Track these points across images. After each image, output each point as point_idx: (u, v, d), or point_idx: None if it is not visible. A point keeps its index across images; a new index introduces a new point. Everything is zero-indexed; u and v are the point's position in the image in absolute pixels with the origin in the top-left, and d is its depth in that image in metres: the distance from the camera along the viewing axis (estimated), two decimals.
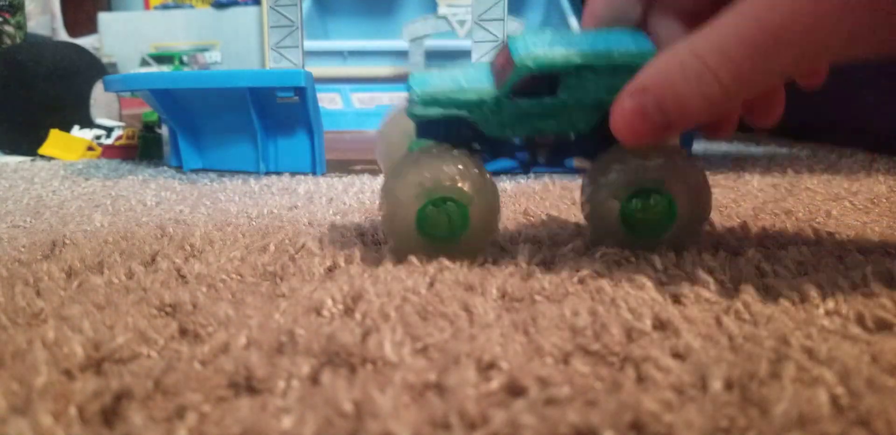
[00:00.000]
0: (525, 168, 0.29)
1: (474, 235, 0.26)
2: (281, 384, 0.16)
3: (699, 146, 0.92)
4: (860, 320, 0.19)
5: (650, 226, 0.26)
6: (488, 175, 0.26)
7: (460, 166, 0.25)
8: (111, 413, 0.15)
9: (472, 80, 0.26)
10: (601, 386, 0.15)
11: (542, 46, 0.25)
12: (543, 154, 0.28)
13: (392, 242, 0.27)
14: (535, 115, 0.26)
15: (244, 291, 0.23)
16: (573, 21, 1.38)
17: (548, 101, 0.26)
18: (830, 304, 0.20)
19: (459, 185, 0.25)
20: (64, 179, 0.62)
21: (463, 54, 0.89)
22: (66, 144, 0.90)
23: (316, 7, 1.37)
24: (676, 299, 0.21)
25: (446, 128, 0.27)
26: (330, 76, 1.06)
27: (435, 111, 0.26)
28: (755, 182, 0.52)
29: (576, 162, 0.30)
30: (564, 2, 1.36)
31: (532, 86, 0.25)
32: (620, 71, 0.24)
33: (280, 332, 0.18)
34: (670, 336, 0.18)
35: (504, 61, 0.26)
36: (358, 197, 0.46)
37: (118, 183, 0.59)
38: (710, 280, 0.23)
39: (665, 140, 0.24)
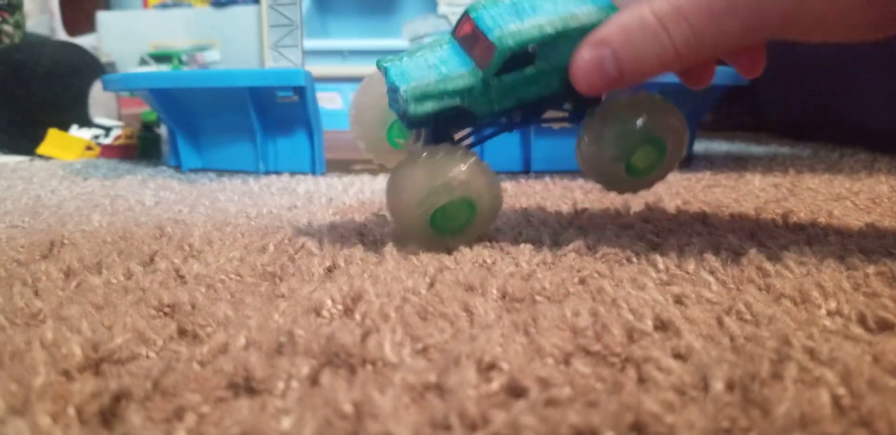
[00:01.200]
0: (508, 128, 0.30)
1: (479, 225, 0.29)
2: (280, 385, 0.16)
3: (700, 146, 0.92)
4: (862, 321, 0.19)
5: (647, 169, 0.30)
6: (492, 172, 0.28)
7: (471, 167, 0.27)
8: (110, 414, 0.15)
9: (449, 63, 0.27)
10: (602, 387, 0.15)
11: (511, 19, 0.26)
12: (518, 115, 0.29)
13: (399, 231, 0.29)
14: (519, 86, 0.27)
15: (243, 291, 0.23)
16: None
17: (529, 71, 0.26)
18: (832, 304, 0.20)
19: (472, 186, 0.27)
20: (62, 179, 0.62)
21: None
22: (65, 144, 0.90)
23: (316, 6, 1.37)
24: (678, 300, 0.21)
25: (436, 116, 0.27)
26: (330, 76, 1.06)
27: (430, 106, 0.26)
28: (757, 182, 0.52)
29: (554, 125, 0.31)
30: None
31: (511, 60, 0.26)
32: (588, 31, 0.25)
33: (279, 332, 0.18)
34: (672, 337, 0.18)
35: (471, 34, 0.27)
36: (358, 197, 0.46)
37: (117, 183, 0.59)
38: (712, 280, 0.23)
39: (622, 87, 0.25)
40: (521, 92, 0.27)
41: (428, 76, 0.26)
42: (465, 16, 0.27)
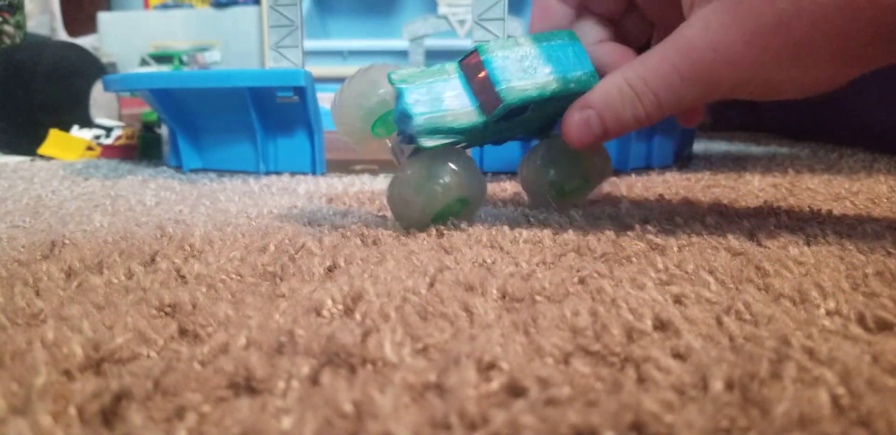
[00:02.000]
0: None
1: (465, 214, 0.34)
2: (281, 385, 0.16)
3: (699, 146, 0.92)
4: (861, 320, 0.19)
5: (571, 192, 0.38)
6: (479, 171, 0.32)
7: (466, 170, 0.31)
8: (111, 413, 0.15)
9: (459, 99, 0.30)
10: (602, 386, 0.15)
11: (518, 76, 0.30)
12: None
13: (399, 221, 0.33)
14: (508, 129, 0.32)
15: (244, 291, 0.23)
16: None
17: (518, 119, 0.31)
18: (831, 304, 0.20)
19: (467, 187, 0.31)
20: (63, 179, 0.62)
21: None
22: (66, 144, 0.90)
23: (316, 7, 1.37)
24: (677, 299, 0.21)
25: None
26: (330, 76, 1.06)
27: (438, 139, 0.30)
28: (756, 182, 0.52)
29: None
30: None
31: (510, 110, 0.30)
32: (573, 96, 0.30)
33: (280, 332, 0.18)
34: (671, 336, 0.18)
35: (478, 73, 0.30)
36: (358, 197, 0.46)
37: (117, 183, 0.59)
38: (711, 280, 0.23)
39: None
40: (507, 133, 0.33)
41: (439, 110, 0.30)
42: (475, 52, 0.30)
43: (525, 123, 0.32)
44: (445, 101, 0.30)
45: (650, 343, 0.17)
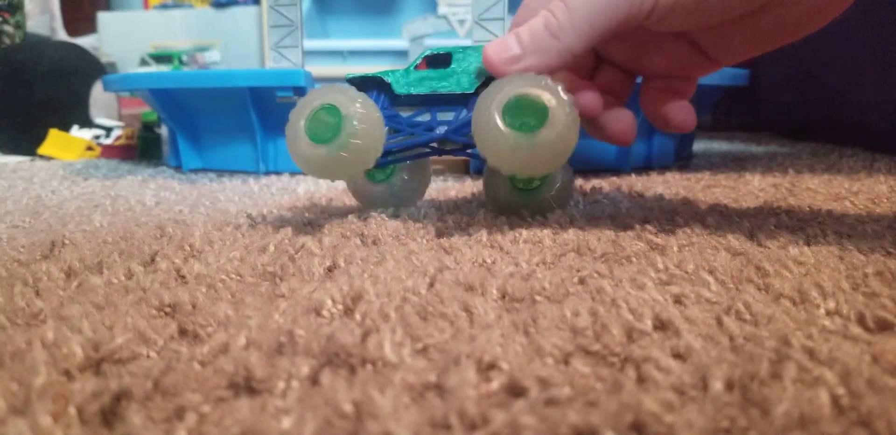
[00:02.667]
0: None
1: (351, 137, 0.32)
2: (280, 385, 0.16)
3: (700, 146, 0.92)
4: (861, 320, 0.19)
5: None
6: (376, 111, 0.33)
7: (339, 88, 0.33)
8: (110, 414, 0.15)
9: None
10: (602, 386, 0.15)
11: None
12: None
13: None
14: (434, 79, 0.35)
15: (244, 291, 0.23)
16: None
17: (441, 68, 0.35)
18: (831, 304, 0.20)
19: (336, 98, 0.32)
20: (63, 179, 0.62)
21: None
22: (65, 144, 0.90)
23: (316, 7, 1.37)
24: (677, 300, 0.21)
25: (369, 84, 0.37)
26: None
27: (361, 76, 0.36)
28: (756, 182, 0.52)
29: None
30: None
31: (433, 62, 0.35)
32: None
33: (280, 332, 0.18)
34: (671, 336, 0.18)
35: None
36: None
37: (117, 183, 0.59)
38: (711, 280, 0.23)
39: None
40: (435, 83, 0.35)
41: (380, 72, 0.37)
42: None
43: (453, 77, 0.35)
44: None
45: (650, 343, 0.17)
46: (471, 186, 0.51)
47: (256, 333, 0.18)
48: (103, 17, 1.37)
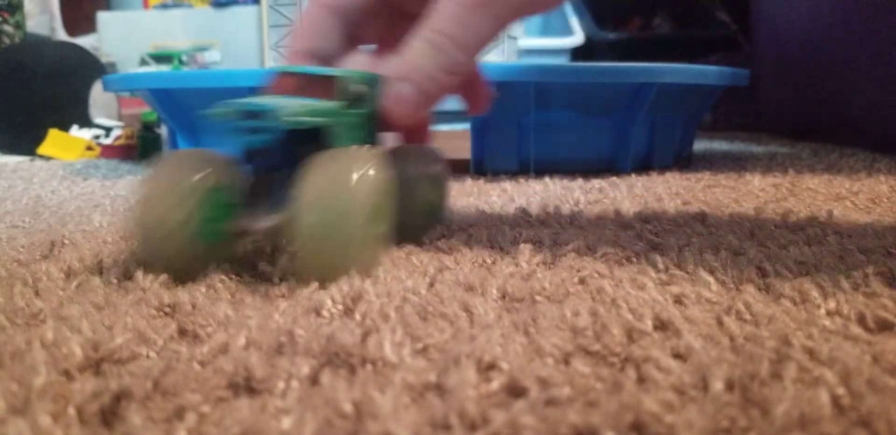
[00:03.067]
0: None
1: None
2: (280, 385, 0.16)
3: (700, 145, 0.92)
4: (861, 321, 0.19)
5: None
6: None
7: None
8: (110, 414, 0.15)
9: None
10: (602, 387, 0.15)
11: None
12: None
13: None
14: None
15: (243, 291, 0.23)
16: (573, 21, 1.38)
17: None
18: (832, 304, 0.20)
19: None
20: (63, 179, 0.62)
21: None
22: (65, 144, 0.90)
23: None
24: (677, 300, 0.21)
25: None
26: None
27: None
28: (756, 182, 0.52)
29: None
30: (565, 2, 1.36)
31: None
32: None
33: (280, 332, 0.18)
34: (671, 336, 0.18)
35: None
36: None
37: (117, 183, 0.59)
38: (712, 280, 0.23)
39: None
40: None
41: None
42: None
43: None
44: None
45: (650, 343, 0.17)
46: (471, 186, 0.51)
47: (256, 333, 0.18)
48: (103, 17, 1.37)
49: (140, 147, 0.86)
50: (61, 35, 1.40)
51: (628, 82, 0.56)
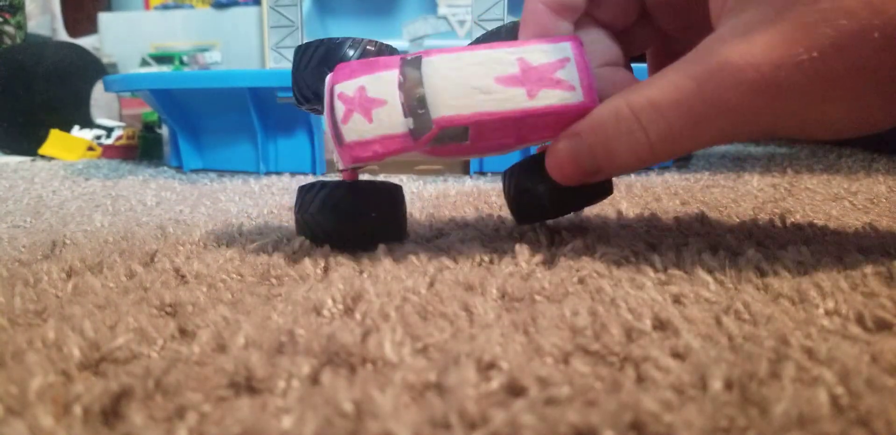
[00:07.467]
0: None
1: None
2: (281, 384, 0.16)
3: None
4: (860, 320, 0.19)
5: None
6: None
7: None
8: (111, 413, 0.15)
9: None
10: (601, 386, 0.15)
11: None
12: None
13: None
14: None
15: (244, 291, 0.23)
16: None
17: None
18: (830, 304, 0.20)
19: None
20: (64, 179, 0.62)
21: None
22: (67, 144, 0.90)
23: (316, 7, 1.37)
24: (676, 299, 0.21)
25: None
26: None
27: None
28: (755, 182, 0.52)
29: None
30: None
31: None
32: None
33: (280, 332, 0.18)
34: (670, 336, 0.18)
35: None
36: None
37: (118, 183, 0.59)
38: (710, 280, 0.23)
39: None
40: None
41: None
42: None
43: None
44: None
45: (649, 343, 0.18)
46: (471, 186, 0.51)
47: (257, 332, 0.18)
48: (104, 18, 1.37)
49: (141, 147, 0.86)
50: (62, 36, 1.40)
51: None
